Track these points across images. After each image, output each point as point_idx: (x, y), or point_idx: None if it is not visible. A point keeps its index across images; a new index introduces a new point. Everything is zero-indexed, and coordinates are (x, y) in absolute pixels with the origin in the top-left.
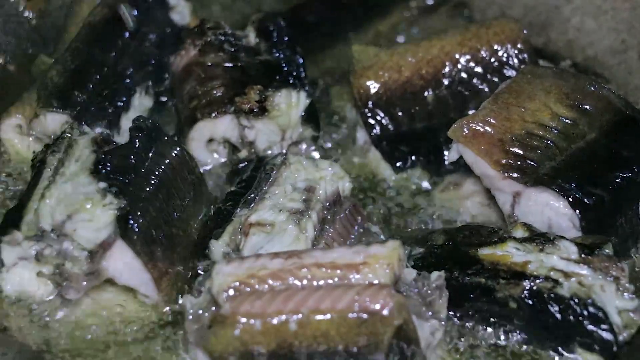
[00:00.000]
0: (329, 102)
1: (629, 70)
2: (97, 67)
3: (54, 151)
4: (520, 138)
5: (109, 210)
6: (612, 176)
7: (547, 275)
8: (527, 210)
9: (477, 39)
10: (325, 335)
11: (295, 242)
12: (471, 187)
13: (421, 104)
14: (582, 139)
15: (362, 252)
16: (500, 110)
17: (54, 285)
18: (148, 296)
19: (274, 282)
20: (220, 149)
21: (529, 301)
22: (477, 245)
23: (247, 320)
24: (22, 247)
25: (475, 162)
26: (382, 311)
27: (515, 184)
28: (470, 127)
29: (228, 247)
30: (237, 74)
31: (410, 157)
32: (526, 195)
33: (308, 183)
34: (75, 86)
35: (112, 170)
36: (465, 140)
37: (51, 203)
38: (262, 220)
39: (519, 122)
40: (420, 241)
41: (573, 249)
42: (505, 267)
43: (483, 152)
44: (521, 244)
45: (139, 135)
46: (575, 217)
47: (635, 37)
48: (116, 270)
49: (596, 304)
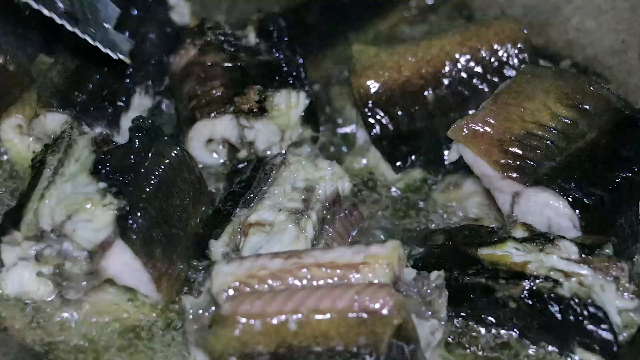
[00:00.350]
0: (329, 102)
1: (629, 70)
2: (97, 67)
3: (54, 151)
4: (519, 138)
5: (109, 210)
6: (612, 176)
7: (547, 275)
8: (527, 210)
9: (477, 39)
10: (325, 335)
11: (294, 242)
12: (471, 187)
13: (421, 103)
14: (582, 139)
15: (362, 252)
16: (499, 110)
17: (54, 285)
18: (148, 296)
19: (273, 282)
20: (219, 149)
21: (529, 301)
22: (477, 245)
23: (247, 320)
24: (22, 248)
25: (474, 162)
26: (382, 310)
27: (514, 184)
28: (470, 127)
29: (227, 247)
30: (236, 74)
31: (410, 156)
32: (526, 195)
33: (307, 183)
34: (75, 86)
35: (112, 170)
36: (465, 140)
37: (51, 203)
38: (262, 220)
39: (518, 122)
40: (420, 241)
41: (573, 249)
42: (505, 267)
43: (483, 152)
44: (521, 244)
45: (138, 135)
46: (575, 217)
47: (635, 37)
48: (116, 270)
49: (596, 304)
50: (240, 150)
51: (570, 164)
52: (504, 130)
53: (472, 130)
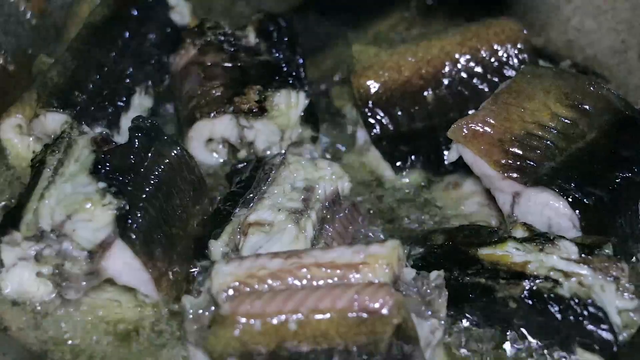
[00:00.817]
0: (329, 102)
1: (629, 70)
2: (97, 67)
3: (54, 151)
4: (519, 138)
5: (108, 210)
6: (612, 176)
7: (547, 275)
8: (527, 211)
9: (477, 39)
10: (325, 334)
11: (294, 242)
12: (471, 187)
13: (421, 103)
14: (582, 139)
15: (362, 252)
16: (499, 110)
17: (54, 285)
18: (148, 296)
19: (273, 282)
20: (219, 149)
21: (529, 301)
22: (477, 245)
23: (246, 320)
24: (22, 248)
25: (474, 162)
26: (382, 310)
27: (514, 184)
28: (470, 128)
29: (227, 247)
30: (236, 73)
31: (410, 156)
32: (526, 196)
33: (307, 183)
34: (75, 86)
35: (112, 170)
36: (464, 141)
37: (50, 203)
38: (261, 220)
39: (518, 122)
40: (420, 241)
41: (573, 249)
42: (505, 267)
43: (482, 152)
44: (521, 244)
45: (138, 135)
46: (575, 217)
47: (635, 37)
48: (116, 270)
49: (596, 304)
50: (240, 150)
51: (570, 164)
52: (504, 130)
53: (472, 131)
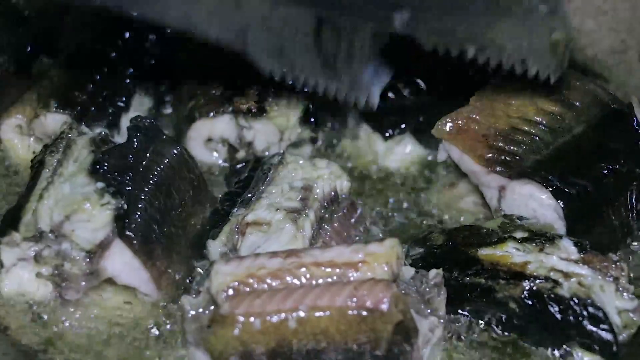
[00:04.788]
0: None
1: (629, 70)
2: (97, 67)
3: (53, 152)
4: (504, 133)
5: (107, 210)
6: (596, 167)
7: (546, 275)
8: (513, 204)
9: None
10: (325, 332)
11: (292, 241)
12: (467, 186)
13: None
14: (569, 132)
15: (361, 251)
16: (483, 106)
17: (53, 285)
18: (148, 295)
19: (272, 281)
20: (219, 148)
21: (528, 301)
22: (476, 246)
23: (246, 319)
24: (21, 248)
25: (460, 159)
26: (380, 304)
27: (499, 178)
28: (455, 124)
29: (225, 247)
30: (236, 74)
31: (400, 125)
32: (510, 188)
33: (305, 182)
34: (75, 86)
35: (110, 170)
36: (449, 137)
37: (49, 204)
38: (259, 219)
39: (503, 117)
40: (420, 241)
41: (573, 249)
42: (505, 267)
43: (467, 147)
44: (521, 244)
45: (137, 134)
46: (558, 208)
47: (635, 37)
48: (115, 269)
49: (596, 304)
50: (239, 151)
51: (555, 157)
52: (489, 125)
53: (456, 127)
